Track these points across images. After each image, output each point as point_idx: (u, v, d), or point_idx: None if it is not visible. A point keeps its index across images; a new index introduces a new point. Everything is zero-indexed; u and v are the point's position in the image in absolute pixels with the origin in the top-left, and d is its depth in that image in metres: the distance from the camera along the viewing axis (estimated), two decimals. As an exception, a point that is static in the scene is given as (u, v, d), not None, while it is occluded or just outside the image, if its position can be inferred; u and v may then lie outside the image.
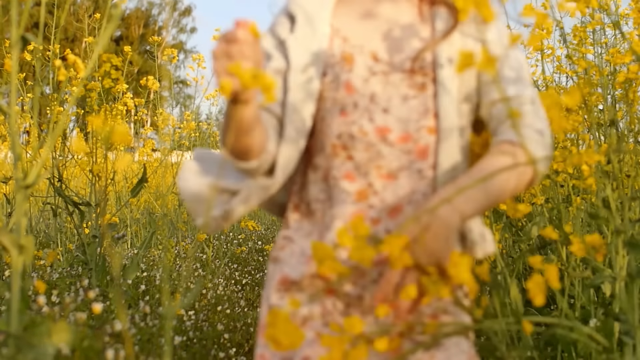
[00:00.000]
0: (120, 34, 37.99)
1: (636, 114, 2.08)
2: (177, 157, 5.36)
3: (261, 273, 4.78)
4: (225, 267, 4.64)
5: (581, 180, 1.80)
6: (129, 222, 4.72)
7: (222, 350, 2.81)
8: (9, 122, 1.47)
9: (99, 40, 1.41)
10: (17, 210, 1.43)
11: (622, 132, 2.48)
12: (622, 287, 1.84)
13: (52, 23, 4.04)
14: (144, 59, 30.91)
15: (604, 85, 2.33)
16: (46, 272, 3.16)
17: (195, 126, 5.75)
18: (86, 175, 3.30)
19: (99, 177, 3.21)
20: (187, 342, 2.71)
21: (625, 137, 2.20)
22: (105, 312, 2.38)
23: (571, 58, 2.54)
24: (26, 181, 1.41)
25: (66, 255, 3.82)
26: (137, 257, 3.41)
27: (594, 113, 2.32)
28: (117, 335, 2.02)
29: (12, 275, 1.41)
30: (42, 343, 1.35)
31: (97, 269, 3.05)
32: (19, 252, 1.38)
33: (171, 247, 4.15)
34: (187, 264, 4.06)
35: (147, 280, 3.42)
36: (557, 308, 2.33)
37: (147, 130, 5.57)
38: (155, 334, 2.20)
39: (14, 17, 1.44)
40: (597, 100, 2.21)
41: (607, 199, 1.67)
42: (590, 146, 2.27)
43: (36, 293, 2.15)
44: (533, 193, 2.64)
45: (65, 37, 28.94)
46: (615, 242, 1.82)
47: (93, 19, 4.31)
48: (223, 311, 3.12)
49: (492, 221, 2.25)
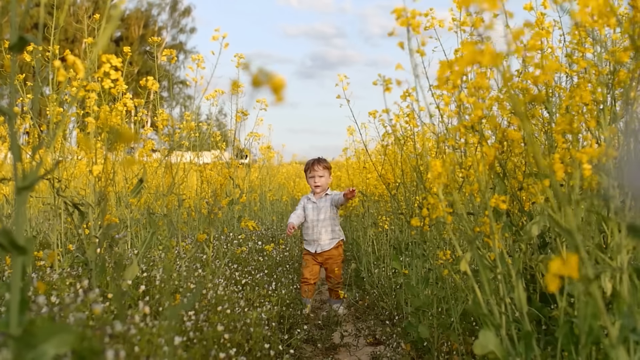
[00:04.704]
0: (120, 34, 37.98)
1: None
2: (177, 158, 5.36)
3: (261, 273, 4.78)
4: (226, 267, 4.64)
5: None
6: (129, 222, 4.71)
7: (223, 351, 2.81)
8: (8, 123, 1.47)
9: (98, 41, 1.40)
10: (17, 211, 1.43)
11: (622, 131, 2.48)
12: (627, 282, 1.84)
13: (52, 24, 4.04)
14: (143, 60, 30.88)
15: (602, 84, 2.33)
16: (46, 272, 3.16)
17: (195, 126, 5.74)
18: (86, 175, 3.30)
19: (99, 178, 3.21)
20: (188, 343, 2.70)
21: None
22: (105, 312, 2.38)
23: (571, 57, 2.54)
24: (25, 182, 1.41)
25: (66, 255, 3.82)
26: (137, 257, 3.41)
27: (594, 112, 2.32)
28: (117, 336, 2.02)
29: (12, 276, 1.41)
30: (42, 344, 1.35)
31: (97, 270, 3.05)
32: (19, 253, 1.38)
33: (171, 247, 4.15)
34: (188, 264, 4.05)
35: (148, 280, 3.42)
36: (558, 307, 2.33)
37: (147, 130, 5.57)
38: (156, 335, 2.20)
39: (13, 18, 1.43)
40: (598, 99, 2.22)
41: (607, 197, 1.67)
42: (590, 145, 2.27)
43: (36, 294, 2.14)
44: (533, 192, 2.64)
45: (65, 38, 28.94)
46: (617, 238, 1.82)
47: (93, 20, 4.31)
48: (223, 311, 3.12)
49: (491, 220, 2.25)
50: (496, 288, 2.30)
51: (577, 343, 2.14)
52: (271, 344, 3.28)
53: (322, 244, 5.77)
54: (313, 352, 4.32)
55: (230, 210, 7.13)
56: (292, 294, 4.84)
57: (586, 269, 1.43)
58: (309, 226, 5.85)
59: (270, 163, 12.16)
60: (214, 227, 4.29)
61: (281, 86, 0.86)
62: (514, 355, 2.13)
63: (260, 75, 0.86)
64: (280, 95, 0.86)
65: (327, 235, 5.78)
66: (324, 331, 4.70)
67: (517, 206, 3.04)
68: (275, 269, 5.69)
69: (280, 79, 0.86)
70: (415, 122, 4.02)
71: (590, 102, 2.24)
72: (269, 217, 10.65)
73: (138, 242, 4.89)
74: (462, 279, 3.10)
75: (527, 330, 2.12)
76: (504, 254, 2.29)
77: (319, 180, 5.83)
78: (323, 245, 5.77)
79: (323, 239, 5.77)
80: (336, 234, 5.83)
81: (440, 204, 2.30)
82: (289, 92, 1.04)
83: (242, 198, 6.08)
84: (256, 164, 11.13)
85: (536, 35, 1.74)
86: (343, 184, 10.35)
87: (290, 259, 6.55)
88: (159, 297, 3.15)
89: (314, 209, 5.83)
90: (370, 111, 4.88)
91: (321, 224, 5.78)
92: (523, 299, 2.16)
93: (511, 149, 2.79)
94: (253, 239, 6.55)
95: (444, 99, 2.43)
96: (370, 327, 4.84)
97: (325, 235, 5.77)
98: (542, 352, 2.39)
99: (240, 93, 5.40)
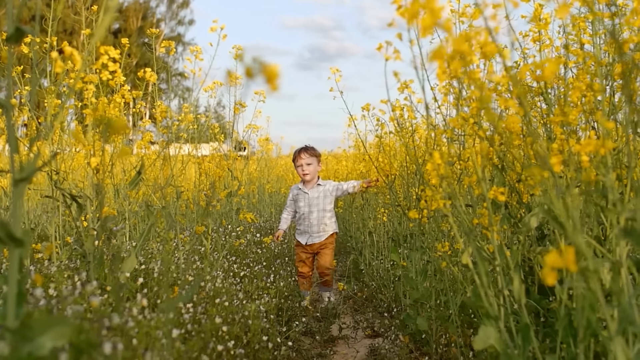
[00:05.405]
0: (119, 26, 37.87)
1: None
2: (175, 150, 5.34)
3: (259, 265, 4.78)
4: (224, 259, 4.64)
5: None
6: (127, 214, 4.71)
7: (221, 343, 2.81)
8: (5, 115, 1.46)
9: (95, 32, 1.39)
10: (14, 204, 1.42)
11: (622, 123, 2.48)
12: (626, 275, 1.84)
13: (50, 16, 4.03)
14: (142, 52, 30.82)
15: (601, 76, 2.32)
16: (44, 265, 3.16)
17: (194, 118, 5.73)
18: (84, 168, 3.29)
19: (97, 170, 3.20)
20: (186, 335, 2.70)
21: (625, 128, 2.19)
22: (103, 305, 2.38)
23: (569, 48, 2.53)
24: (22, 174, 1.40)
25: (64, 248, 3.82)
26: (135, 249, 3.40)
27: (592, 104, 2.32)
28: (115, 329, 2.02)
29: (9, 268, 1.41)
30: (39, 337, 1.35)
31: (95, 262, 3.05)
32: (16, 246, 1.38)
33: (169, 239, 4.15)
34: (186, 256, 4.05)
35: (146, 272, 3.41)
36: (556, 299, 2.33)
37: (146, 122, 5.55)
38: (154, 327, 2.20)
39: (9, 9, 1.43)
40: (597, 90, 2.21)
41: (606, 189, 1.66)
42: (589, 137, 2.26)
43: (34, 286, 2.14)
44: (531, 184, 2.64)
45: (63, 30, 28.88)
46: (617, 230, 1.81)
47: (91, 12, 4.29)
48: (221, 304, 3.12)
49: (490, 212, 2.24)
50: (495, 280, 2.30)
51: (575, 336, 2.14)
52: (269, 337, 3.28)
53: (314, 236, 5.66)
54: (311, 345, 4.32)
55: (229, 202, 7.12)
56: (290, 286, 4.84)
57: (584, 262, 1.43)
58: (301, 217, 5.74)
59: (269, 155, 12.17)
60: (212, 219, 4.29)
61: (275, 75, 0.86)
62: (512, 347, 2.13)
63: (254, 65, 0.85)
64: (275, 84, 0.86)
65: (320, 227, 5.66)
66: (322, 323, 4.71)
67: (516, 198, 3.03)
68: (273, 261, 5.69)
69: (273, 67, 0.86)
70: (414, 114, 4.02)
71: (589, 94, 2.23)
72: (267, 210, 10.66)
73: (136, 234, 4.89)
74: (460, 272, 3.10)
75: (525, 323, 2.12)
76: (502, 246, 2.29)
77: (307, 168, 5.66)
78: (314, 237, 5.66)
79: (315, 231, 5.66)
80: (329, 227, 5.71)
81: (438, 195, 2.30)
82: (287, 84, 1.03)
83: (241, 190, 6.06)
84: (254, 156, 11.13)
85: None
86: (340, 177, 10.34)
87: (288, 251, 6.55)
88: (157, 289, 3.15)
89: (305, 200, 5.71)
90: (363, 105, 4.87)
91: (314, 215, 5.66)
92: (521, 291, 2.15)
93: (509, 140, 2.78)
94: (251, 231, 6.55)
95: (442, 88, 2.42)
96: (369, 319, 4.85)
97: (318, 227, 5.66)
98: (541, 344, 2.39)
99: (238, 85, 5.39)
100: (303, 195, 5.70)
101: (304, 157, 5.64)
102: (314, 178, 5.70)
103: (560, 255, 1.12)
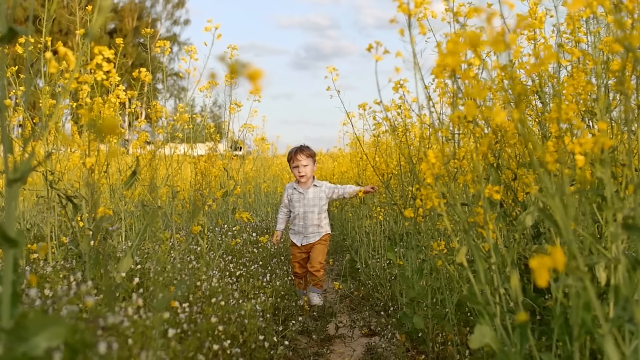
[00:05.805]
0: (114, 26, 37.83)
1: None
2: (171, 150, 5.33)
3: (256, 265, 4.78)
4: (220, 259, 4.64)
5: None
6: (123, 214, 4.70)
7: (217, 342, 2.81)
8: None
9: (89, 32, 1.39)
10: (8, 204, 1.42)
11: (616, 121, 2.48)
12: (623, 273, 1.84)
13: (44, 16, 4.02)
14: (138, 52, 30.80)
15: (597, 74, 2.32)
16: (40, 265, 3.15)
17: (189, 118, 5.72)
18: (80, 168, 3.29)
19: (92, 170, 3.20)
20: (182, 335, 2.70)
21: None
22: (98, 305, 2.37)
23: (564, 47, 2.53)
24: (16, 174, 1.40)
25: (60, 248, 3.81)
26: (131, 249, 3.40)
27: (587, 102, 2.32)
28: (110, 329, 2.01)
29: (4, 268, 1.40)
30: (33, 337, 1.34)
31: (90, 262, 3.04)
32: (10, 246, 1.37)
33: (165, 239, 4.14)
34: (182, 256, 4.05)
35: (141, 272, 3.41)
36: (552, 297, 2.33)
37: (141, 122, 5.54)
38: (149, 327, 2.19)
39: (2, 9, 1.42)
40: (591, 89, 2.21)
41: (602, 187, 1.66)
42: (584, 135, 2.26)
43: (29, 286, 2.14)
44: (527, 182, 2.64)
45: (58, 30, 28.84)
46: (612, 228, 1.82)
47: (85, 12, 4.29)
48: (217, 303, 3.11)
49: (486, 210, 2.24)
50: (491, 278, 2.30)
51: (571, 334, 2.14)
52: (266, 336, 3.29)
53: (309, 237, 5.65)
54: (308, 344, 4.32)
55: (225, 202, 7.11)
56: (286, 285, 4.84)
57: (576, 261, 1.43)
58: (295, 217, 5.73)
59: (265, 154, 12.16)
60: (207, 219, 4.28)
61: (257, 76, 0.86)
62: (509, 345, 2.13)
63: (237, 66, 0.86)
64: (257, 85, 0.86)
65: (314, 228, 5.65)
66: (318, 322, 4.71)
67: (511, 196, 3.04)
68: (269, 261, 5.69)
69: (256, 69, 0.86)
70: (409, 113, 4.02)
71: (584, 92, 2.23)
72: (263, 209, 10.65)
73: (132, 234, 4.88)
74: (456, 270, 3.11)
75: (524, 320, 2.12)
76: (498, 245, 2.29)
77: (304, 169, 5.64)
78: (309, 238, 5.65)
79: (309, 231, 5.66)
80: (323, 228, 5.70)
81: (433, 194, 2.30)
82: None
83: (237, 190, 6.06)
84: (250, 155, 11.12)
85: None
86: (337, 176, 10.34)
87: (284, 250, 6.55)
88: (153, 289, 3.15)
89: (301, 200, 5.70)
90: (360, 104, 4.87)
91: (309, 216, 5.65)
92: (518, 289, 2.16)
93: (505, 139, 2.78)
94: (247, 231, 6.55)
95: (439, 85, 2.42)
96: (365, 318, 4.85)
97: (312, 228, 5.65)
98: (537, 342, 2.39)
99: (234, 85, 5.38)
100: (298, 196, 5.69)
101: (301, 158, 5.62)
102: (310, 179, 5.70)
103: (545, 258, 1.12)
